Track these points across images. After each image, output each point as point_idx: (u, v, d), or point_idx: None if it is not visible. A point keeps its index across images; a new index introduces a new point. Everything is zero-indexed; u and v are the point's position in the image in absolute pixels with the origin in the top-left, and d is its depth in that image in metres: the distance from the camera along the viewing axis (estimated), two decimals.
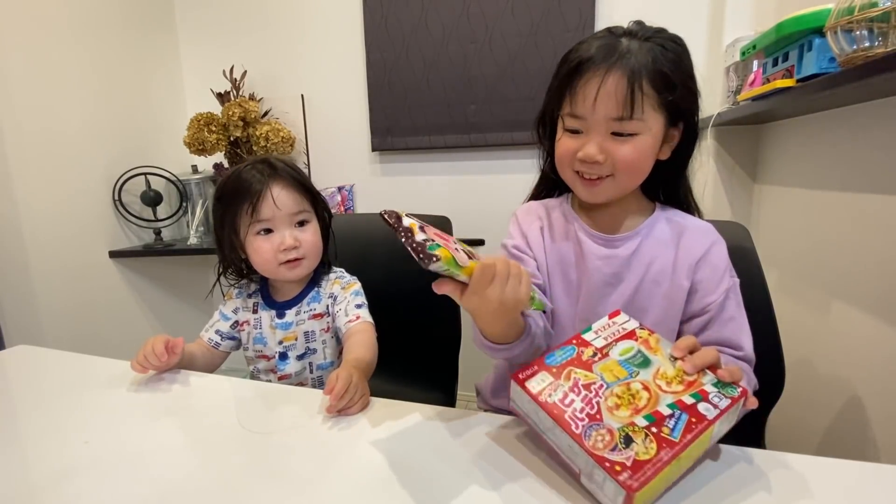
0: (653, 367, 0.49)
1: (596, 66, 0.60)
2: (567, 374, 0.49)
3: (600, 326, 0.55)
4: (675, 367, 0.48)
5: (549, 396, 0.48)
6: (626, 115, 0.60)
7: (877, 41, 0.73)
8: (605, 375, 0.49)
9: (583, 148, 0.63)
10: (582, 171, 0.66)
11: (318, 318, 0.87)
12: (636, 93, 0.59)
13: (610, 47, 0.61)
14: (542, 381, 0.49)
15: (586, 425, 0.44)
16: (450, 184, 1.86)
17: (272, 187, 0.80)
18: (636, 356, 0.50)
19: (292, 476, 0.49)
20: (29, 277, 1.49)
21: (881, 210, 0.92)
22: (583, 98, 0.61)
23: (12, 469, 0.51)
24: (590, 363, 0.50)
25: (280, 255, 0.81)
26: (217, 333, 0.88)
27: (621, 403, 0.46)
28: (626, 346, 0.52)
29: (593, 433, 0.43)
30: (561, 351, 0.52)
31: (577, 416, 0.45)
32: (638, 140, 0.62)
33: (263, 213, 0.80)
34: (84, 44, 1.65)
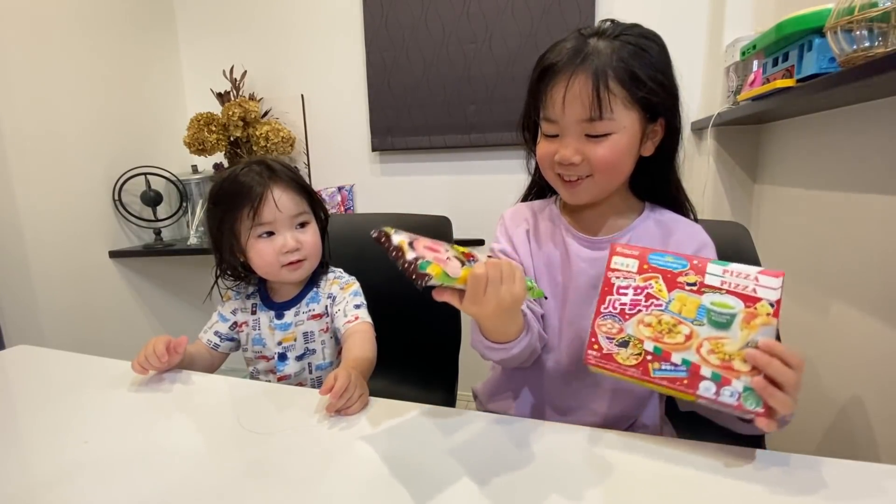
0: (723, 332, 0.46)
1: (561, 70, 0.61)
2: (650, 277, 0.51)
3: (735, 271, 0.49)
4: (739, 351, 0.45)
5: (617, 277, 0.51)
6: (595, 116, 0.60)
7: (877, 41, 0.73)
8: (674, 303, 0.49)
9: (559, 150, 0.63)
10: (562, 174, 0.66)
11: (316, 318, 0.87)
12: (602, 92, 0.59)
13: (576, 50, 0.61)
14: (626, 265, 0.52)
15: (611, 312, 0.49)
16: (450, 184, 1.86)
17: (273, 190, 0.80)
18: (723, 316, 0.47)
19: (292, 476, 0.49)
20: (29, 277, 1.49)
21: (881, 210, 0.92)
22: (552, 103, 0.62)
23: (12, 469, 0.51)
24: (678, 285, 0.50)
25: (282, 257, 0.81)
26: (216, 335, 0.88)
27: (654, 326, 0.48)
28: (728, 302, 0.48)
29: (610, 320, 0.49)
30: (672, 258, 0.52)
31: (615, 304, 0.49)
32: (612, 140, 0.61)
33: (265, 216, 0.79)
34: (84, 44, 1.65)
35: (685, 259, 0.51)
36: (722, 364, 0.46)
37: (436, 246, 0.50)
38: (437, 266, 0.45)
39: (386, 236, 0.48)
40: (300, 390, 0.70)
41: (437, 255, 0.48)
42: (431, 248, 0.49)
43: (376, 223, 0.51)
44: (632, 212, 0.71)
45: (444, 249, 0.50)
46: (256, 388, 0.72)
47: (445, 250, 0.50)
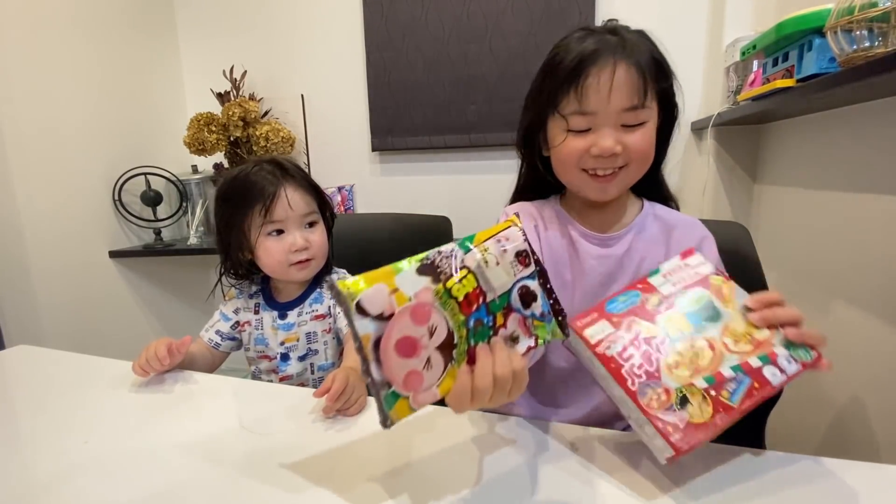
0: (722, 321, 0.45)
1: (602, 59, 0.59)
2: (629, 324, 0.47)
3: (670, 269, 0.50)
4: (745, 322, 0.45)
5: (607, 349, 0.45)
6: (639, 104, 0.60)
7: (877, 41, 0.73)
8: (669, 329, 0.46)
9: (597, 143, 0.61)
10: (594, 168, 0.64)
11: (320, 318, 0.87)
12: (645, 81, 0.60)
13: (605, 42, 0.60)
14: (601, 330, 0.46)
15: (643, 383, 0.43)
16: (450, 184, 1.86)
17: (286, 188, 0.80)
18: (706, 308, 0.46)
19: (292, 476, 0.49)
20: (29, 277, 1.49)
21: (881, 210, 0.92)
22: (595, 91, 0.60)
23: (12, 469, 0.51)
24: (654, 314, 0.47)
25: (291, 255, 0.81)
26: (217, 334, 0.88)
27: (682, 362, 0.43)
28: (697, 294, 0.48)
29: (649, 391, 0.42)
30: (624, 297, 0.49)
31: (634, 372, 0.43)
32: (646, 128, 0.62)
33: (277, 215, 0.80)
34: (84, 44, 1.65)
35: (631, 289, 0.50)
36: (754, 345, 0.44)
37: (416, 333, 0.36)
38: (405, 405, 0.36)
39: (341, 298, 0.35)
40: (300, 390, 0.70)
41: (411, 362, 0.36)
42: (407, 346, 0.36)
43: (379, 223, 0.51)
44: (633, 208, 0.72)
45: (429, 333, 0.37)
46: (257, 388, 0.72)
47: (430, 333, 0.37)
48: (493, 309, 0.39)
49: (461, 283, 0.38)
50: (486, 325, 0.39)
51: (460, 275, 0.38)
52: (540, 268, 0.43)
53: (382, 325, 0.35)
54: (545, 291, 0.43)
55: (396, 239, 1.10)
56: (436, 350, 0.37)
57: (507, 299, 0.40)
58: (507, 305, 0.40)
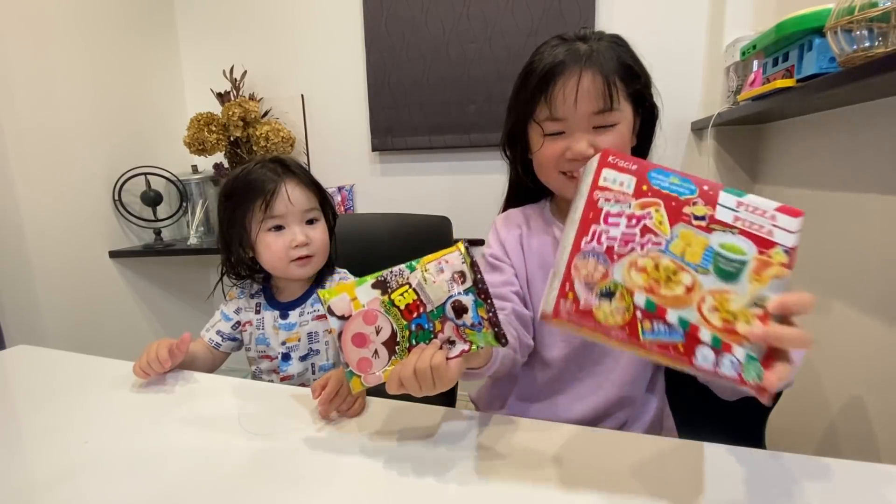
0: (730, 285, 0.38)
1: (570, 67, 0.63)
2: (648, 204, 0.40)
3: (750, 204, 0.41)
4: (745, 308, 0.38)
5: (607, 200, 0.40)
6: (606, 108, 0.63)
7: (877, 41, 0.73)
8: (677, 242, 0.39)
9: (570, 147, 0.65)
10: (570, 171, 0.67)
11: (321, 319, 0.87)
12: (612, 85, 0.63)
13: (573, 51, 0.64)
14: (616, 182, 0.41)
15: (595, 250, 0.38)
16: (450, 184, 1.86)
17: (286, 184, 0.81)
18: (733, 264, 0.39)
19: (292, 476, 0.49)
20: (29, 277, 1.49)
21: (881, 210, 0.92)
22: (562, 99, 0.64)
23: (12, 469, 0.51)
24: (683, 217, 0.40)
25: (291, 251, 0.81)
26: (218, 334, 0.88)
27: (649, 271, 0.38)
28: (740, 245, 0.39)
29: (591, 260, 0.38)
30: (680, 180, 0.41)
31: (598, 236, 0.39)
32: (618, 129, 0.65)
33: (277, 210, 0.80)
34: (84, 44, 1.65)
35: (693, 182, 0.41)
36: (724, 326, 0.38)
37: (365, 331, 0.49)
38: (357, 381, 0.49)
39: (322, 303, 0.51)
40: (300, 390, 0.70)
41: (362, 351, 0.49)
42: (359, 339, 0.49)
43: (379, 223, 0.51)
44: None
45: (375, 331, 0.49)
46: (257, 389, 0.72)
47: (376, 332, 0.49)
48: (432, 317, 0.49)
49: (402, 295, 0.49)
50: (427, 330, 0.49)
51: (402, 290, 0.50)
52: (480, 286, 0.49)
53: (343, 323, 0.50)
54: (483, 305, 0.49)
55: (396, 239, 1.10)
56: (381, 345, 0.50)
57: (443, 310, 0.49)
58: (442, 315, 0.49)
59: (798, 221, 0.40)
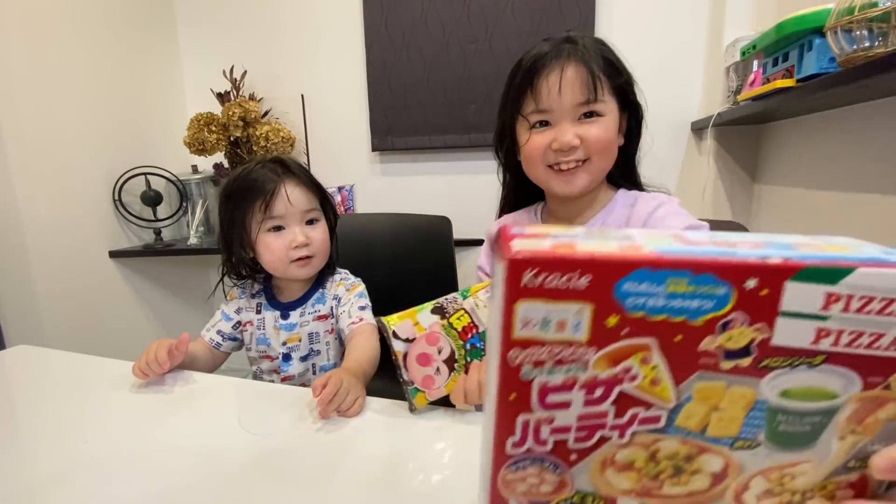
0: (799, 454, 0.22)
1: (554, 60, 0.66)
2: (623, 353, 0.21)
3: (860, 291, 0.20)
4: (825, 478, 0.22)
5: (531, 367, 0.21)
6: (591, 98, 0.65)
7: (877, 41, 0.74)
8: (689, 410, 0.22)
9: (556, 137, 0.66)
10: (557, 163, 0.68)
11: (322, 319, 0.87)
12: (595, 76, 0.64)
13: (559, 47, 0.67)
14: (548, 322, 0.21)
15: (534, 454, 0.22)
16: (450, 184, 1.86)
17: (286, 184, 0.81)
18: (807, 420, 0.21)
19: (292, 477, 0.49)
20: (29, 277, 1.49)
21: (881, 210, 0.92)
22: (547, 91, 0.65)
23: (12, 469, 0.51)
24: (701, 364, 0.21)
25: (291, 252, 0.81)
26: (218, 334, 0.88)
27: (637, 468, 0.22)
28: (826, 384, 0.21)
29: (531, 469, 0.22)
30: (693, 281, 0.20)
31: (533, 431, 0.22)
32: (604, 120, 0.66)
33: (276, 210, 0.80)
34: (84, 44, 1.65)
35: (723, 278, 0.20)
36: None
37: (429, 350, 0.56)
38: (422, 397, 0.57)
39: (383, 328, 0.57)
40: (300, 390, 0.70)
41: (426, 369, 0.56)
42: (423, 359, 0.56)
43: (379, 223, 0.51)
44: (608, 201, 0.75)
45: (437, 351, 0.57)
46: (257, 389, 0.72)
47: (438, 351, 0.57)
48: (482, 337, 0.56)
49: (459, 319, 0.57)
50: (479, 348, 0.57)
51: (458, 314, 0.58)
52: None
53: (408, 345, 0.57)
54: None
55: (396, 239, 1.10)
56: (443, 363, 0.57)
57: None
58: None
59: None
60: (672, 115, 1.57)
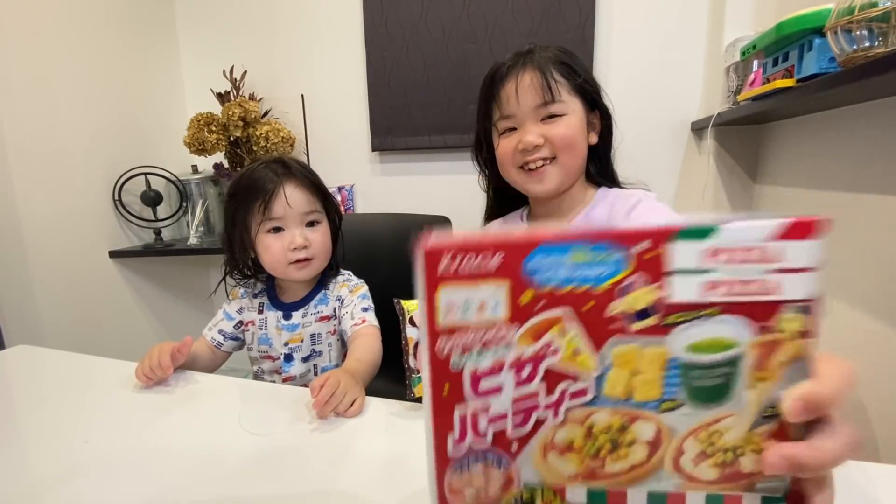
0: (719, 407, 0.23)
1: (510, 69, 0.72)
2: (541, 327, 0.22)
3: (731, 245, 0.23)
4: (754, 431, 0.23)
5: (459, 353, 0.22)
6: (548, 99, 0.69)
7: (877, 41, 0.74)
8: (611, 378, 0.23)
9: (522, 139, 0.70)
10: (526, 163, 0.72)
11: (325, 320, 0.87)
12: (549, 79, 0.68)
13: (515, 59, 0.72)
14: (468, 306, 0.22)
15: (475, 451, 0.23)
16: (450, 184, 1.86)
17: (285, 185, 0.81)
18: (716, 371, 0.23)
19: (292, 477, 0.49)
20: (29, 277, 1.49)
21: (881, 210, 0.92)
22: (506, 98, 0.71)
23: (12, 469, 0.51)
24: (612, 329, 0.22)
25: (290, 253, 0.81)
26: (220, 333, 0.88)
27: (576, 448, 0.23)
28: (723, 334, 0.22)
29: (475, 468, 0.23)
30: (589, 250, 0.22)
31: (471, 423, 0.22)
32: (566, 120, 0.70)
33: (275, 211, 0.80)
34: (84, 44, 1.65)
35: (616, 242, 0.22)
36: (722, 474, 0.23)
37: None
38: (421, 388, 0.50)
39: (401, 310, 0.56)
40: (300, 390, 0.70)
41: None
42: None
43: (379, 223, 0.51)
44: (589, 200, 0.77)
45: None
46: (257, 389, 0.72)
47: None
48: None
49: None
50: None
51: None
52: None
53: None
54: None
55: (396, 239, 1.10)
56: None
57: None
58: None
59: (815, 245, 0.24)
60: (672, 115, 1.57)
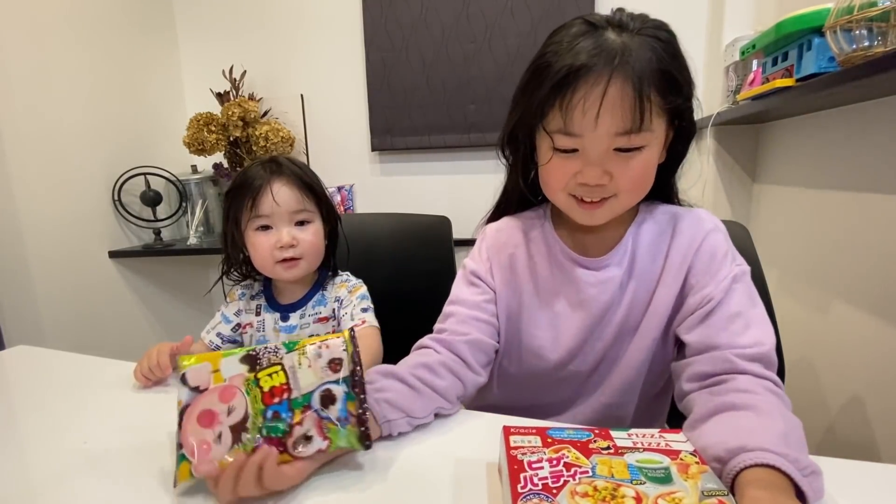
0: (670, 486, 0.38)
1: (594, 73, 0.51)
2: (559, 448, 0.43)
3: (640, 433, 0.45)
4: (703, 501, 0.36)
5: (523, 454, 0.42)
6: (634, 129, 0.52)
7: (876, 41, 0.74)
8: (600, 467, 0.40)
9: (583, 170, 0.55)
10: (580, 196, 0.58)
11: (323, 321, 0.86)
12: (644, 102, 0.51)
13: (602, 48, 0.51)
14: (525, 441, 0.44)
15: (534, 492, 0.37)
16: (450, 184, 1.86)
17: (273, 183, 0.80)
18: (656, 469, 0.40)
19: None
20: (29, 278, 1.49)
21: (881, 210, 0.92)
22: (581, 113, 0.52)
23: (12, 469, 0.51)
24: (593, 451, 0.42)
25: (276, 252, 0.80)
26: (218, 336, 0.88)
27: (590, 495, 0.37)
28: (653, 457, 0.41)
29: (534, 500, 0.36)
30: (573, 431, 0.45)
31: (531, 480, 0.39)
32: (644, 153, 0.55)
33: (262, 209, 0.79)
34: (83, 44, 1.65)
35: (586, 430, 0.45)
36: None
37: (217, 409, 0.45)
38: (187, 469, 0.43)
39: (176, 369, 0.46)
40: None
41: (204, 432, 0.44)
42: (207, 417, 0.44)
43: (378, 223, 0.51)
44: (628, 216, 0.65)
45: (227, 411, 0.44)
46: None
47: (228, 412, 0.45)
48: (293, 406, 0.46)
49: (270, 376, 0.46)
50: (284, 420, 0.45)
51: (272, 370, 0.46)
52: (356, 378, 0.47)
53: (195, 396, 0.45)
54: (355, 399, 0.47)
55: (396, 239, 1.10)
56: (228, 428, 0.44)
57: (310, 399, 0.46)
58: (307, 404, 0.46)
59: (681, 434, 0.45)
60: None
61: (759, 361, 0.52)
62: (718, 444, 0.42)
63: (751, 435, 0.42)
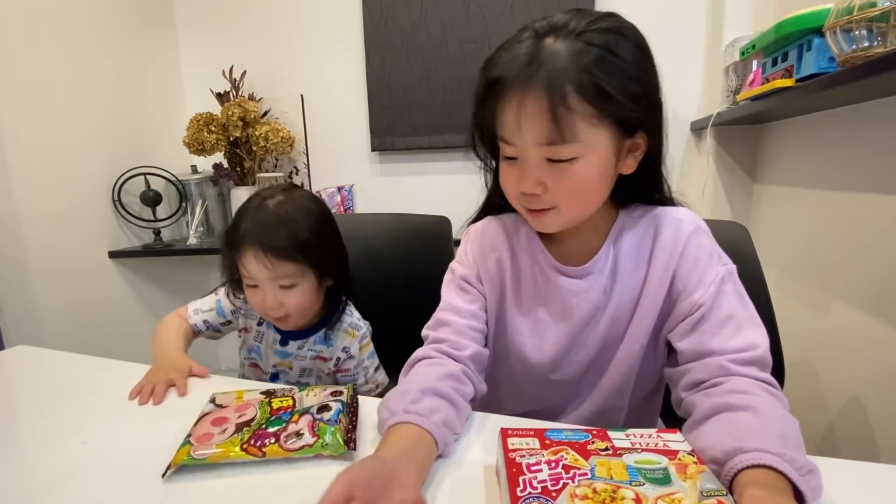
0: (669, 487, 0.38)
1: (510, 84, 0.50)
2: (558, 450, 0.43)
3: (638, 433, 0.45)
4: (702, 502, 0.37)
5: (521, 457, 0.42)
6: (557, 140, 0.50)
7: (876, 41, 0.74)
8: (599, 469, 0.40)
9: (520, 179, 0.55)
10: (523, 203, 0.58)
11: (321, 360, 0.85)
12: (561, 112, 0.48)
13: (529, 55, 0.50)
14: (523, 443, 0.44)
15: (533, 495, 0.37)
16: (450, 184, 1.86)
17: (252, 251, 0.73)
18: (655, 470, 0.40)
19: (291, 477, 0.49)
20: (29, 278, 1.49)
21: (881, 210, 0.92)
22: (504, 122, 0.52)
23: (12, 469, 0.51)
24: (592, 453, 0.42)
25: (265, 308, 0.78)
26: (204, 323, 0.86)
27: (590, 497, 0.37)
28: (651, 458, 0.42)
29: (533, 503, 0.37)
30: (571, 432, 0.46)
31: (530, 483, 0.39)
32: (578, 165, 0.52)
33: (246, 270, 0.75)
34: (83, 44, 1.65)
35: (584, 431, 0.46)
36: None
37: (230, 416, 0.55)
38: (186, 450, 0.49)
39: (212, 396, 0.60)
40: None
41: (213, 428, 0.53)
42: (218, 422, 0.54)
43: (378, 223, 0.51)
44: (606, 222, 0.63)
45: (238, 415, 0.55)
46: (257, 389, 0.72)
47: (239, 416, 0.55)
48: (294, 412, 0.56)
49: (281, 401, 0.58)
50: (282, 419, 0.54)
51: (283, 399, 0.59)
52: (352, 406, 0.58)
53: (215, 409, 0.57)
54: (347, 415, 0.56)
55: (396, 239, 1.10)
56: (234, 425, 0.53)
57: (309, 409, 0.56)
58: (306, 412, 0.55)
59: (679, 435, 0.45)
60: (671, 115, 1.56)
61: (753, 365, 0.52)
62: (716, 446, 0.43)
63: (748, 436, 0.42)
